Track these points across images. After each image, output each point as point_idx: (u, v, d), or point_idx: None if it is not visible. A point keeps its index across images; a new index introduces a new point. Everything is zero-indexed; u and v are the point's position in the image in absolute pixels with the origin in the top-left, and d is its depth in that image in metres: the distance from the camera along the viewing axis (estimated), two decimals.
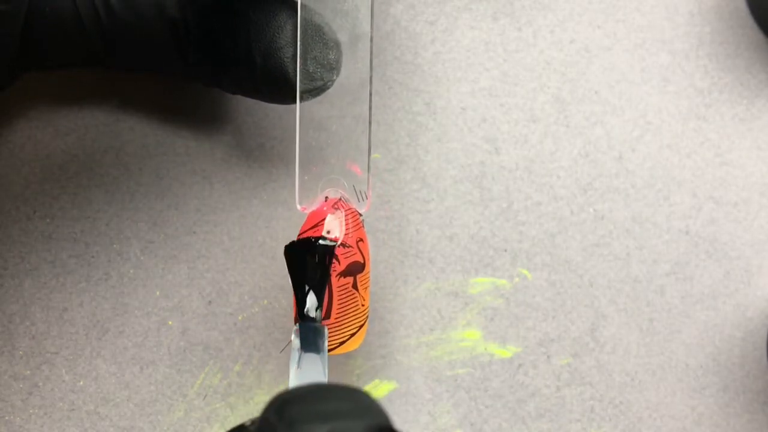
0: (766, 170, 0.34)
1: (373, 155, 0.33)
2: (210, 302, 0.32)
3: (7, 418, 0.31)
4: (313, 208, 0.28)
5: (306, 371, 0.27)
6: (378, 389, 0.32)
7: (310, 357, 0.27)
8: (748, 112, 0.34)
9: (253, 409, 0.31)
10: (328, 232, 0.28)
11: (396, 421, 0.32)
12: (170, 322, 0.32)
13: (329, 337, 0.28)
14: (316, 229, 0.28)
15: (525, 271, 0.33)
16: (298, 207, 0.28)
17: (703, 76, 0.34)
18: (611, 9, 0.34)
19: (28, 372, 0.31)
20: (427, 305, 0.32)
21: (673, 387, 0.33)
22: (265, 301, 0.32)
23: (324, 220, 0.28)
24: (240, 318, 0.32)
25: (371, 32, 0.28)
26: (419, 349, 0.32)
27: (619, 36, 0.34)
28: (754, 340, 0.33)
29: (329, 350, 0.28)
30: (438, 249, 0.33)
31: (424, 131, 0.33)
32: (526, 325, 0.33)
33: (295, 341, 0.27)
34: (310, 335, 0.27)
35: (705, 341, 0.33)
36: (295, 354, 0.27)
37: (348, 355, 0.32)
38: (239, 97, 0.31)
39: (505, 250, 0.33)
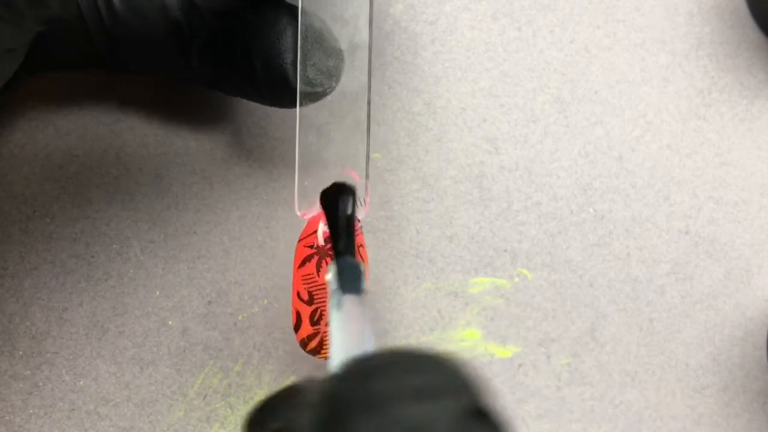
0: (766, 170, 0.34)
1: (373, 155, 0.33)
2: (210, 302, 0.32)
3: (7, 418, 0.31)
4: (313, 213, 0.28)
5: (348, 316, 0.23)
6: None
7: (351, 299, 0.23)
8: (748, 112, 0.34)
9: None
10: (324, 241, 0.27)
11: None
12: (170, 322, 0.32)
13: (329, 342, 0.27)
14: (315, 234, 0.28)
15: (525, 271, 0.33)
16: (298, 213, 0.28)
17: (703, 76, 0.34)
18: (611, 9, 0.34)
19: (28, 372, 0.31)
20: (427, 305, 0.32)
21: (673, 387, 0.33)
22: (265, 301, 0.32)
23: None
24: (240, 318, 0.32)
25: (370, 41, 0.28)
26: None
27: (619, 36, 0.34)
28: (754, 340, 0.33)
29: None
30: (438, 249, 0.33)
31: (424, 131, 0.33)
32: (526, 325, 0.33)
33: (333, 281, 0.23)
34: (347, 273, 0.24)
35: (705, 341, 0.33)
36: (334, 296, 0.23)
37: None
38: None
39: (505, 250, 0.33)
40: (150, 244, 0.32)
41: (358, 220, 0.28)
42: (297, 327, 0.28)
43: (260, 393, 0.32)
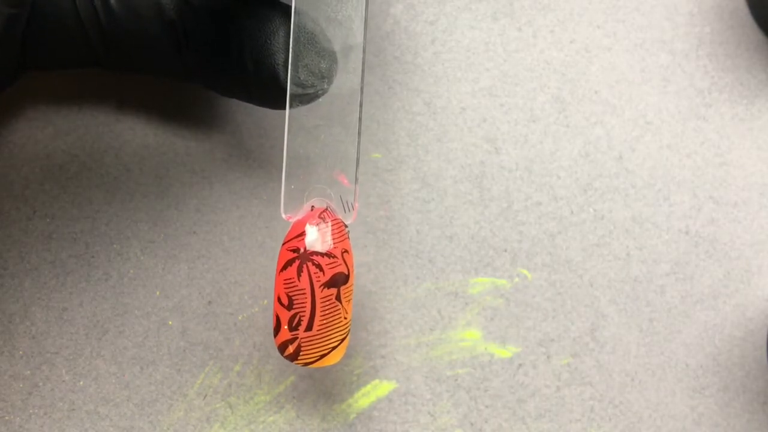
0: (766, 170, 0.34)
1: (373, 155, 0.33)
2: (210, 302, 0.32)
3: (7, 418, 0.31)
4: (299, 217, 0.28)
5: None
6: (378, 389, 0.32)
7: None
8: (748, 112, 0.34)
9: (253, 409, 0.31)
10: (312, 246, 0.27)
11: (396, 420, 0.32)
12: (170, 322, 0.32)
13: (309, 349, 0.27)
14: (300, 238, 0.27)
15: (525, 271, 0.33)
16: (283, 216, 0.28)
17: (703, 76, 0.34)
18: (611, 9, 0.34)
19: (28, 372, 0.31)
20: (427, 305, 0.32)
21: (673, 387, 0.33)
22: (265, 301, 0.32)
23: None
24: (240, 318, 0.32)
25: (364, 43, 0.28)
26: (419, 349, 0.32)
27: (619, 36, 0.34)
28: (754, 340, 0.33)
29: (308, 363, 0.27)
30: (438, 249, 0.33)
31: (424, 131, 0.33)
32: (526, 325, 0.33)
33: None
34: None
35: (705, 341, 0.33)
36: None
37: (348, 355, 0.32)
38: None
39: (505, 250, 0.33)
40: (150, 244, 0.32)
41: (345, 226, 0.28)
42: (276, 331, 0.27)
43: (260, 393, 0.32)
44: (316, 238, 0.27)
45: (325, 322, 0.27)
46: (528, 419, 0.32)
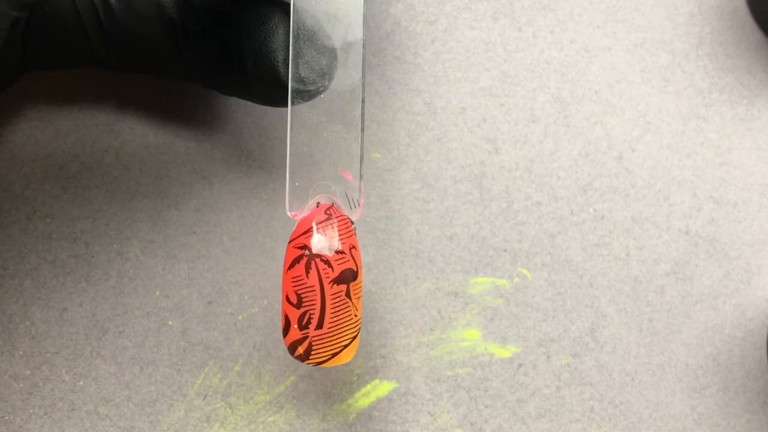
0: (766, 170, 0.34)
1: (373, 155, 0.33)
2: (210, 302, 0.32)
3: (7, 418, 0.31)
4: (304, 214, 0.28)
5: None
6: (378, 389, 0.32)
7: None
8: (748, 112, 0.34)
9: (252, 409, 0.31)
10: (319, 250, 0.27)
11: (396, 420, 0.32)
12: (170, 322, 0.32)
13: (321, 348, 0.27)
14: (307, 235, 0.27)
15: (525, 271, 0.33)
16: (288, 214, 0.28)
17: (703, 76, 0.34)
18: (611, 9, 0.34)
19: (28, 372, 0.31)
20: (427, 305, 0.32)
21: (673, 387, 0.33)
22: (265, 301, 0.32)
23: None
24: (240, 318, 0.32)
25: (364, 39, 0.28)
26: (419, 349, 0.32)
27: (619, 36, 0.34)
28: (754, 340, 0.33)
29: (320, 363, 0.27)
30: (438, 249, 0.33)
31: (424, 131, 0.33)
32: (526, 325, 0.33)
33: None
34: None
35: (705, 341, 0.33)
36: None
37: None
38: None
39: (505, 250, 0.33)
40: (150, 244, 0.32)
41: (351, 222, 0.28)
42: (285, 331, 0.27)
43: (260, 393, 0.32)
44: (322, 236, 0.27)
45: (336, 319, 0.27)
46: (528, 419, 0.32)
